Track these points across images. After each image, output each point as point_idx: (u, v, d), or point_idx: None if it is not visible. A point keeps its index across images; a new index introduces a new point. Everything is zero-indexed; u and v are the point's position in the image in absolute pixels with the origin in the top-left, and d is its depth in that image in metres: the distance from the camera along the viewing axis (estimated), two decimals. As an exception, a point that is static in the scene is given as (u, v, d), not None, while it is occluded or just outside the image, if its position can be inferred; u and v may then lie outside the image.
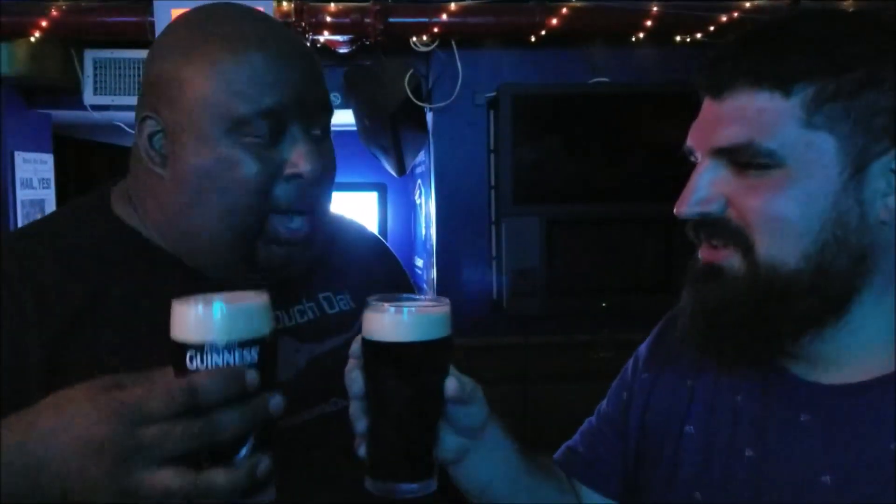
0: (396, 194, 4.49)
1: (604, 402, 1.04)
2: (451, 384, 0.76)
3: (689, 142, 0.82)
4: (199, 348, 0.67)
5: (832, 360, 0.79)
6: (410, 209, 4.40)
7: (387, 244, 1.24)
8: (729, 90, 0.77)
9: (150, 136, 0.92)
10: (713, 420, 0.87)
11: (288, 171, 0.88)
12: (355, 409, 0.76)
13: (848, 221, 0.73)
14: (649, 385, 0.97)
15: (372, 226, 4.03)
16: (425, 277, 3.68)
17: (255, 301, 0.70)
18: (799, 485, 0.77)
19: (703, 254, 0.81)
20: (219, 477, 0.66)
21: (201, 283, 0.91)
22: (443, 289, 3.22)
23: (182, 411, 0.65)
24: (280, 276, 0.93)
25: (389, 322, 0.73)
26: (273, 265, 0.92)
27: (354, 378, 0.76)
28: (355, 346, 0.76)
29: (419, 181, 3.88)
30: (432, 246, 3.32)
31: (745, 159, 0.76)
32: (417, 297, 0.78)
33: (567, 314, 3.13)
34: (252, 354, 0.68)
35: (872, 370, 0.77)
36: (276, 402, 0.69)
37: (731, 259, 0.77)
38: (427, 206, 3.53)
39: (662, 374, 0.96)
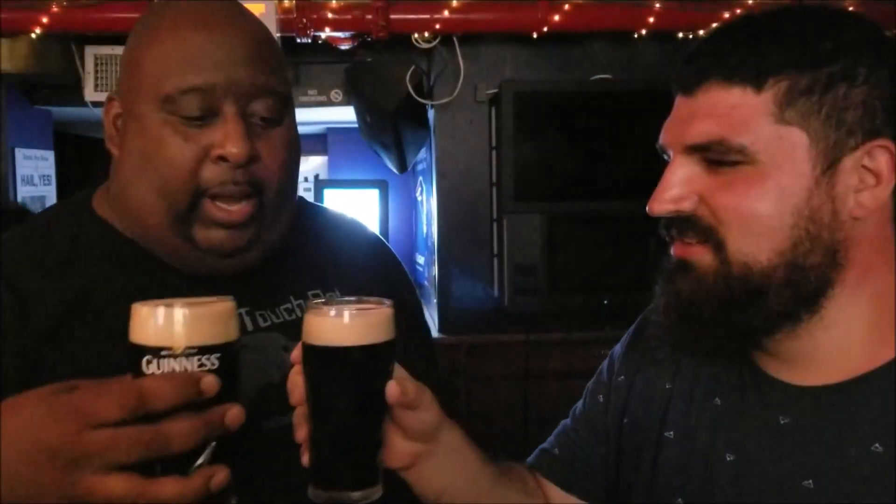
0: (398, 191, 4.48)
1: (579, 404, 1.03)
2: (392, 389, 0.73)
3: (662, 139, 0.82)
4: (156, 353, 0.65)
5: (809, 358, 0.78)
6: (412, 206, 4.40)
7: (386, 243, 1.22)
8: (701, 86, 0.76)
9: (116, 118, 0.93)
10: (692, 424, 0.86)
11: (213, 152, 0.86)
12: (298, 415, 0.74)
13: (820, 217, 0.73)
14: (626, 389, 0.95)
15: (373, 223, 4.03)
16: (426, 275, 3.68)
17: (217, 307, 0.68)
18: (781, 490, 0.76)
19: (675, 250, 0.81)
20: (168, 486, 0.64)
21: (186, 284, 0.89)
22: (444, 286, 3.22)
23: (132, 416, 0.63)
24: (232, 260, 0.91)
25: (329, 325, 0.71)
26: (214, 248, 0.89)
27: (296, 384, 0.74)
28: (296, 352, 0.74)
29: (420, 178, 3.87)
30: (433, 243, 3.32)
31: (717, 156, 0.75)
32: (367, 299, 0.75)
33: (568, 311, 3.13)
34: (212, 361, 0.66)
35: (850, 369, 0.76)
36: (233, 413, 0.66)
37: (702, 255, 0.77)
38: (428, 203, 3.52)
39: (639, 377, 0.95)
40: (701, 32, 3.06)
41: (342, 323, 0.71)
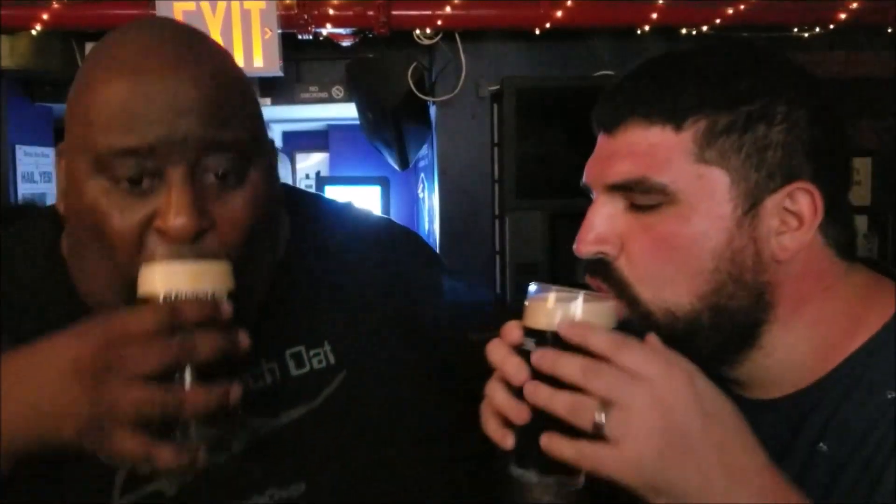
0: (399, 188, 4.48)
1: None
2: None
3: (585, 178, 0.80)
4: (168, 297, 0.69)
5: (760, 380, 0.77)
6: (413, 203, 4.40)
7: (414, 235, 1.06)
8: (621, 125, 0.75)
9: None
10: None
11: (155, 223, 0.73)
12: (504, 399, 0.70)
13: (742, 259, 0.71)
14: None
15: (375, 220, 4.02)
16: (428, 271, 3.67)
17: (214, 264, 0.72)
18: None
19: None
20: (197, 394, 0.65)
21: None
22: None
23: (162, 329, 0.64)
24: None
25: (569, 312, 0.70)
26: None
27: (517, 365, 0.69)
28: (514, 333, 0.70)
29: (422, 175, 3.87)
30: (435, 240, 3.31)
31: (638, 198, 0.73)
32: (569, 288, 0.73)
33: (570, 309, 3.12)
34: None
35: (803, 382, 0.75)
36: (244, 335, 0.68)
37: (624, 310, 0.74)
38: (430, 199, 3.52)
39: None
40: (704, 28, 3.05)
41: (582, 310, 0.70)
